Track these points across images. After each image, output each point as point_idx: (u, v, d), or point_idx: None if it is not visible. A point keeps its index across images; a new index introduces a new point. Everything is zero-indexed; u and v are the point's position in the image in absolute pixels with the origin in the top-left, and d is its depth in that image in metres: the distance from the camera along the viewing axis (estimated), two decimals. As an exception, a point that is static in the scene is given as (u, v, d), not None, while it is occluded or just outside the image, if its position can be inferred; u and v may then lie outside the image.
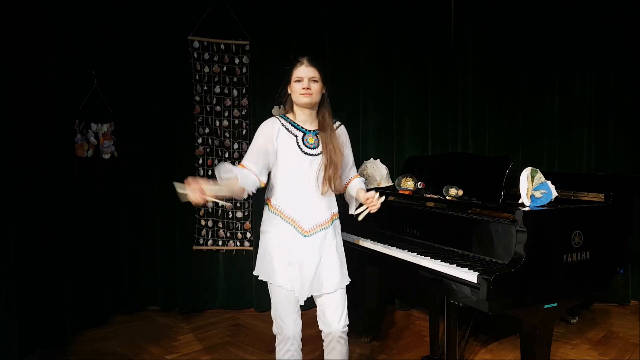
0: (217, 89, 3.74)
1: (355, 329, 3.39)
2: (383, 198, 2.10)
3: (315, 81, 2.05)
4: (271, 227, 2.09)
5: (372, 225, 2.93)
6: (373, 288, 3.23)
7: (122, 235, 3.73)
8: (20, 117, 2.81)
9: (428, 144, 3.89)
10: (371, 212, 2.09)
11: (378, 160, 3.53)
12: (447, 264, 2.11)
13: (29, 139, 2.89)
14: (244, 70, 3.76)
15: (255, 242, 3.75)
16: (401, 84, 3.85)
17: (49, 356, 2.98)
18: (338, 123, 2.22)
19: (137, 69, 3.67)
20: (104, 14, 3.52)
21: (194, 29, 3.64)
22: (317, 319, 2.15)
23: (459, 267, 2.05)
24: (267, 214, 2.14)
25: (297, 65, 2.08)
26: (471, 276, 1.95)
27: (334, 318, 2.11)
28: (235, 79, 3.76)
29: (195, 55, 3.67)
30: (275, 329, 2.08)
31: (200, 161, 3.74)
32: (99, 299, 3.52)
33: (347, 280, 2.19)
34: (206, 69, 3.70)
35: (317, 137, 2.10)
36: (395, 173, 3.61)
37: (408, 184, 2.83)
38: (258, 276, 2.14)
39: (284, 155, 2.06)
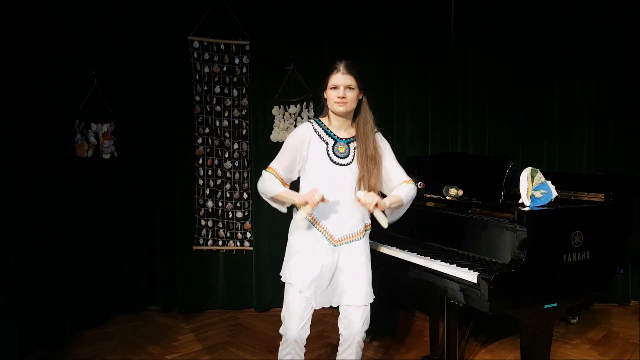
0: (217, 89, 3.74)
1: (355, 329, 3.39)
2: (372, 199, 1.93)
3: (351, 89, 2.00)
4: (300, 231, 2.07)
5: (372, 225, 2.93)
6: (373, 288, 3.22)
7: (122, 235, 3.73)
8: (20, 117, 2.81)
9: (428, 143, 3.89)
10: (370, 211, 1.97)
11: (378, 160, 3.52)
12: (447, 264, 2.11)
13: (29, 139, 2.89)
14: (244, 70, 3.76)
15: (256, 241, 3.76)
16: (401, 84, 3.85)
17: (49, 356, 2.98)
18: (375, 129, 2.15)
19: (137, 69, 3.67)
20: (104, 14, 3.52)
21: (194, 29, 3.64)
22: (338, 322, 2.12)
23: (459, 267, 2.05)
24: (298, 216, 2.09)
25: (333, 72, 2.02)
26: (471, 276, 1.95)
27: (355, 324, 2.06)
28: (235, 79, 3.76)
29: (195, 55, 3.67)
30: (282, 329, 2.06)
31: (200, 161, 3.74)
32: (99, 299, 3.52)
33: (372, 298, 2.13)
34: (206, 69, 3.70)
35: (348, 145, 2.06)
36: (395, 173, 3.60)
37: (408, 184, 2.82)
38: (281, 277, 2.11)
39: (313, 163, 2.04)
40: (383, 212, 2.00)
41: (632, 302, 3.89)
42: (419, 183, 2.80)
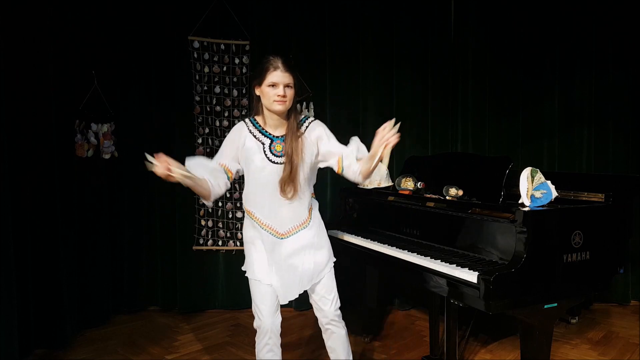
0: (217, 89, 3.74)
1: (355, 329, 3.39)
2: (398, 124, 1.94)
3: (290, 87, 1.99)
4: (250, 230, 2.13)
5: (372, 225, 2.94)
6: (373, 288, 3.23)
7: (122, 235, 3.73)
8: (20, 117, 2.81)
9: (428, 144, 3.89)
10: (388, 145, 1.95)
11: (378, 160, 3.52)
12: (447, 264, 2.11)
13: (29, 139, 2.89)
14: (244, 70, 3.76)
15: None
16: (401, 84, 3.85)
17: (49, 356, 2.98)
18: (311, 119, 2.14)
19: (137, 69, 3.67)
20: (104, 13, 3.52)
21: (194, 29, 3.64)
22: (313, 309, 2.21)
23: (459, 267, 2.05)
24: (245, 217, 2.16)
25: (270, 69, 1.97)
26: (471, 276, 1.95)
27: (326, 302, 2.15)
28: (235, 79, 3.76)
29: (195, 55, 3.67)
30: (255, 322, 2.11)
31: (200, 161, 3.73)
32: (99, 299, 3.52)
33: (333, 260, 2.19)
34: (206, 69, 3.70)
35: (284, 144, 2.05)
36: (395, 173, 3.61)
37: (408, 184, 2.83)
38: (245, 272, 2.18)
39: (252, 163, 2.04)
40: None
41: (632, 302, 3.89)
42: (419, 183, 2.80)
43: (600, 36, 3.86)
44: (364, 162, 2.09)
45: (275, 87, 1.97)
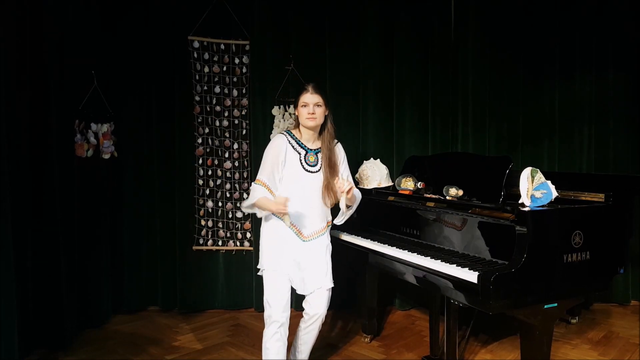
0: (217, 89, 3.73)
1: (355, 329, 3.40)
2: (347, 184, 2.26)
3: (319, 106, 2.34)
4: (273, 229, 2.40)
5: (372, 225, 2.94)
6: (373, 288, 3.23)
7: (122, 235, 3.73)
8: (21, 117, 2.81)
9: (428, 143, 3.89)
10: (342, 190, 2.25)
11: (378, 160, 3.53)
12: (447, 264, 2.11)
13: (29, 139, 2.89)
14: (244, 70, 3.76)
15: (255, 242, 3.75)
16: (401, 84, 3.84)
17: (49, 356, 2.98)
18: (335, 141, 2.48)
19: (137, 69, 3.67)
20: (104, 13, 3.52)
21: (193, 29, 3.64)
22: (304, 304, 2.46)
23: (459, 267, 2.05)
24: (271, 217, 2.39)
25: (303, 92, 2.35)
26: (471, 276, 1.95)
27: (321, 305, 2.41)
28: (235, 79, 3.76)
29: (195, 55, 3.67)
30: (267, 313, 2.33)
31: (200, 161, 3.74)
32: (99, 299, 3.52)
33: (332, 284, 2.47)
34: (206, 69, 3.70)
35: (317, 155, 2.41)
36: (395, 173, 3.61)
37: (408, 184, 2.83)
38: (260, 271, 2.43)
39: (289, 170, 2.36)
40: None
41: (632, 302, 3.89)
42: (419, 183, 2.80)
43: (600, 35, 3.86)
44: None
45: (306, 106, 2.34)
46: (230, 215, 3.79)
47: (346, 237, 2.85)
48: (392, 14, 3.81)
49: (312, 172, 2.38)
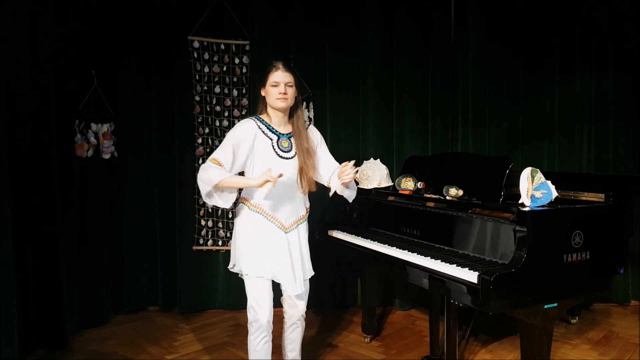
0: (217, 89, 3.73)
1: (355, 329, 3.40)
2: (358, 168, 2.16)
3: (290, 86, 2.17)
4: (251, 225, 2.23)
5: (372, 225, 2.94)
6: (373, 288, 3.23)
7: (122, 235, 3.73)
8: (20, 117, 2.81)
9: (428, 143, 3.89)
10: (344, 181, 2.12)
11: (378, 160, 3.52)
12: (447, 264, 2.11)
13: (29, 139, 2.89)
14: (244, 70, 3.76)
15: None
16: (402, 85, 3.84)
17: (49, 356, 2.98)
18: (308, 123, 2.34)
19: (137, 69, 3.67)
20: (104, 13, 3.52)
21: (194, 29, 3.64)
22: (282, 302, 2.38)
23: (459, 267, 2.05)
24: (246, 212, 2.25)
25: (272, 70, 2.16)
26: (471, 276, 1.95)
27: (300, 301, 2.34)
28: (235, 79, 3.76)
29: (195, 55, 3.67)
30: (252, 316, 2.21)
31: (200, 161, 3.73)
32: (99, 299, 3.52)
33: (312, 273, 2.39)
34: (206, 69, 3.70)
35: (290, 140, 2.25)
36: (395, 173, 3.61)
37: (408, 184, 2.83)
38: (232, 269, 2.38)
39: (262, 158, 2.18)
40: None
41: (632, 302, 3.89)
42: (419, 183, 2.80)
43: (600, 35, 3.86)
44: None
45: (277, 86, 2.15)
46: (230, 215, 3.79)
47: (346, 237, 2.85)
48: (392, 13, 3.81)
49: (287, 158, 2.21)
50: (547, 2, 3.90)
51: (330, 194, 2.23)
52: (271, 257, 2.21)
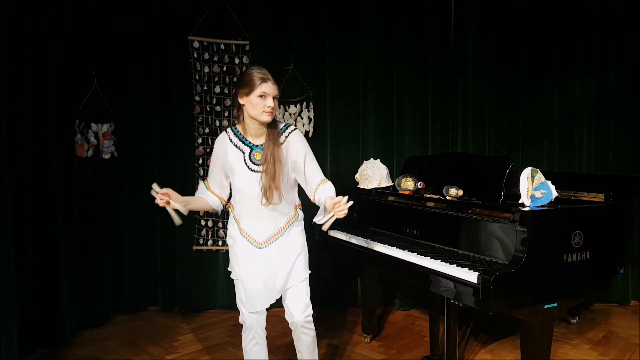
0: (217, 89, 3.74)
1: (355, 329, 3.40)
2: (351, 203, 1.97)
3: (275, 99, 2.06)
4: (233, 232, 2.23)
5: (372, 225, 2.93)
6: (373, 288, 3.23)
7: (122, 235, 3.73)
8: (21, 117, 2.81)
9: (428, 144, 3.89)
10: (338, 218, 1.97)
11: (378, 160, 3.52)
12: (447, 264, 2.11)
13: (29, 139, 2.89)
14: (244, 70, 3.75)
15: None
16: (401, 84, 3.84)
17: (49, 356, 2.98)
18: (292, 128, 2.17)
19: (137, 69, 3.67)
20: (103, 13, 3.52)
21: (193, 29, 3.64)
22: (285, 314, 2.27)
23: (459, 267, 2.05)
24: (230, 219, 2.25)
25: (263, 80, 2.01)
26: (471, 276, 1.95)
27: (297, 309, 2.18)
28: (235, 79, 3.76)
29: (195, 55, 3.67)
30: (240, 318, 2.23)
31: (200, 161, 3.74)
32: (99, 299, 3.52)
33: (308, 272, 2.25)
34: (206, 69, 3.70)
35: (263, 152, 2.10)
36: (395, 173, 3.61)
37: (408, 184, 2.83)
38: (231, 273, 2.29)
39: (233, 172, 2.12)
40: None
41: (632, 302, 3.89)
42: (419, 183, 2.80)
43: (600, 35, 3.85)
44: (322, 204, 2.12)
45: (265, 98, 2.01)
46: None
47: (346, 237, 2.85)
48: (393, 13, 3.81)
49: (258, 171, 2.08)
50: (547, 3, 3.89)
51: (325, 228, 2.02)
52: (250, 268, 2.16)
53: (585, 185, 2.52)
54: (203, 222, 3.77)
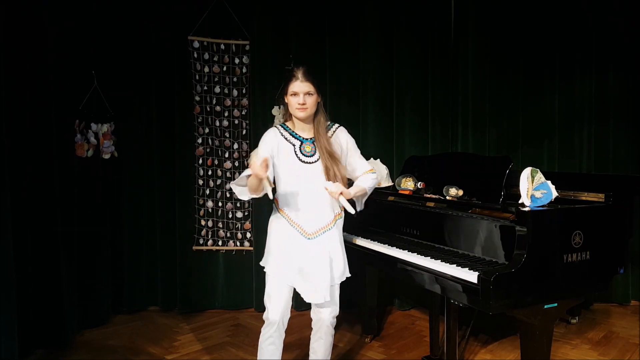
0: (217, 89, 3.74)
1: (355, 329, 3.40)
2: (344, 201, 2.10)
3: (310, 95, 2.15)
4: (278, 227, 2.23)
5: (372, 225, 2.93)
6: (373, 288, 3.23)
7: (122, 235, 3.73)
8: (21, 117, 2.81)
9: (428, 144, 3.89)
10: (335, 199, 2.10)
11: (378, 160, 3.53)
12: (447, 264, 2.11)
13: (29, 139, 2.89)
14: (244, 70, 3.76)
15: (256, 241, 3.76)
16: (401, 84, 3.84)
17: (49, 356, 2.98)
18: (336, 126, 2.31)
19: (137, 69, 3.67)
20: (104, 14, 3.52)
21: (193, 29, 3.64)
22: (312, 311, 2.32)
23: (459, 267, 2.05)
24: (275, 214, 2.27)
25: (292, 80, 2.15)
26: (471, 276, 1.95)
27: (328, 308, 2.26)
28: (235, 79, 3.76)
29: (195, 55, 3.67)
30: (265, 314, 2.21)
31: (200, 161, 3.74)
32: (99, 299, 3.52)
33: (347, 274, 2.32)
34: (206, 69, 3.70)
35: (313, 144, 2.22)
36: (395, 173, 3.61)
37: (408, 184, 2.83)
38: (264, 268, 2.26)
39: (284, 164, 2.19)
40: (350, 200, 2.17)
41: (632, 302, 3.89)
42: (419, 183, 2.80)
43: (600, 34, 3.85)
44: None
45: (296, 96, 2.14)
46: (230, 215, 3.79)
47: (345, 236, 2.84)
48: (393, 12, 3.81)
49: (309, 162, 2.19)
50: (547, 3, 3.89)
51: (348, 208, 2.13)
52: (293, 262, 2.16)
53: (585, 185, 2.52)
54: (203, 222, 3.77)
